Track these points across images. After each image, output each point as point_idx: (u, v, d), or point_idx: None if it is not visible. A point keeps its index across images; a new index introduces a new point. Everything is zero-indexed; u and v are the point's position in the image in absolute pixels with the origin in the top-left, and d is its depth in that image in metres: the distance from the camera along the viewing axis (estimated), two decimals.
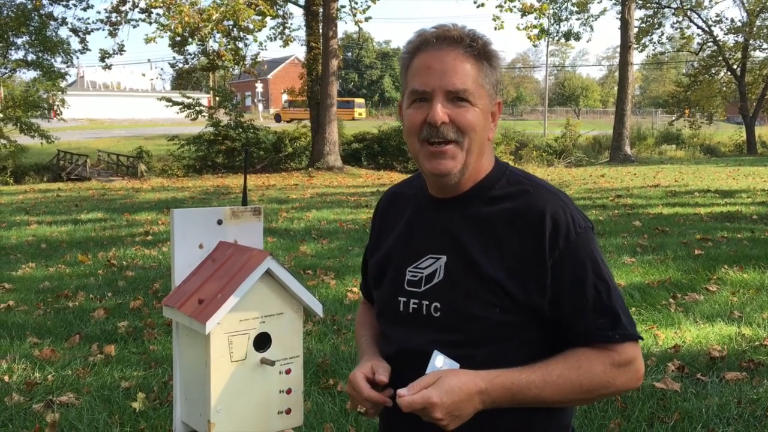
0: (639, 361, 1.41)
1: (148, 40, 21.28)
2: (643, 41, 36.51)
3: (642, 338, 1.43)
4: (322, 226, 10.72)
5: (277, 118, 46.80)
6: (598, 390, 1.38)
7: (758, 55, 39.77)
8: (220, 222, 1.54)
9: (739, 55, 38.15)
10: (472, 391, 1.31)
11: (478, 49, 1.40)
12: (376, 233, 1.65)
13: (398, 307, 1.49)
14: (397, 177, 22.47)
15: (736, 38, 38.08)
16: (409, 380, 1.41)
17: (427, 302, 1.44)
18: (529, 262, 1.37)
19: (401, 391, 1.31)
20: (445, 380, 1.31)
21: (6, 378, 4.39)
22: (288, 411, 1.50)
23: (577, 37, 32.14)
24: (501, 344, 1.39)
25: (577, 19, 32.30)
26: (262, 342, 1.45)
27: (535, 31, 22.98)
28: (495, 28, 22.49)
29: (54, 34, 28.14)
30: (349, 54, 66.45)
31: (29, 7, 26.21)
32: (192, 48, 25.50)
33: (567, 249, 1.37)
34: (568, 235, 1.37)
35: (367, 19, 24.43)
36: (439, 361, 1.36)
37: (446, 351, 1.38)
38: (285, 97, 48.78)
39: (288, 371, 1.49)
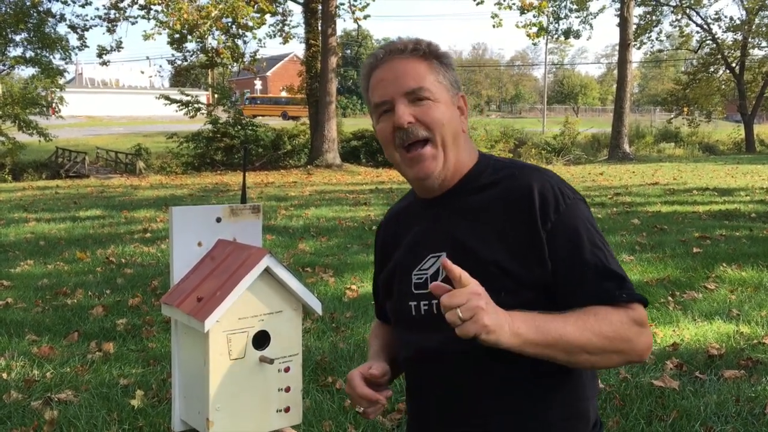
0: (649, 328, 1.39)
1: (146, 37, 21.28)
2: (641, 39, 36.50)
3: (648, 303, 1.41)
4: (320, 223, 10.72)
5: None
6: (616, 340, 1.33)
7: (757, 53, 39.81)
8: (219, 220, 1.54)
9: (737, 53, 38.15)
10: (497, 306, 1.27)
11: (423, 50, 1.46)
12: (380, 256, 1.69)
13: (410, 311, 1.51)
14: (395, 174, 22.44)
15: (734, 36, 38.09)
16: (428, 380, 1.47)
17: (436, 301, 1.44)
18: (525, 240, 1.39)
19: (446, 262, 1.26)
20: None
21: (4, 375, 4.39)
22: (287, 409, 1.50)
23: (577, 35, 32.17)
24: None
25: (577, 17, 32.26)
26: (261, 340, 1.45)
27: (534, 29, 22.98)
28: (494, 26, 22.48)
29: (52, 30, 28.09)
30: (348, 51, 66.38)
31: (28, 3, 26.15)
32: (191, 45, 25.51)
33: (559, 220, 1.39)
34: (557, 207, 1.40)
35: (365, 17, 24.40)
36: None
37: (461, 344, 1.35)
38: (283, 93, 48.66)
39: (287, 369, 1.49)
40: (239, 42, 24.68)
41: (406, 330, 1.54)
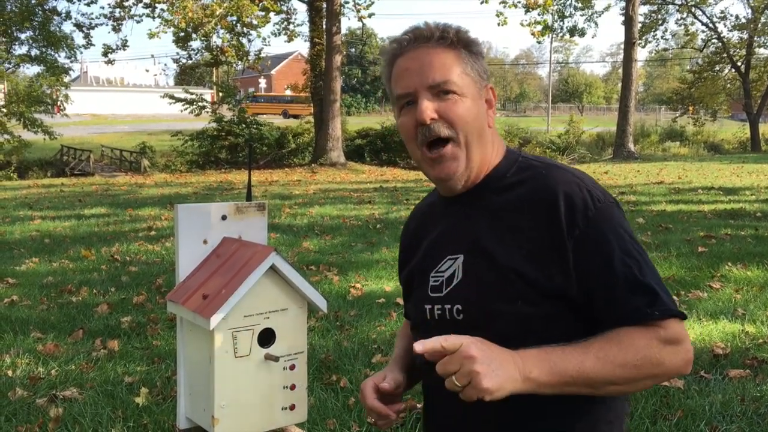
0: (687, 341, 1.27)
1: (151, 36, 21.30)
2: (646, 37, 36.41)
3: (686, 316, 1.29)
4: (325, 222, 10.72)
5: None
6: (645, 367, 1.22)
7: (763, 52, 39.68)
8: (224, 217, 1.54)
9: (743, 51, 38.04)
10: (506, 354, 1.19)
11: (451, 39, 1.37)
12: (402, 255, 1.64)
13: (426, 315, 1.44)
14: (400, 173, 22.45)
15: (740, 35, 38.01)
16: (434, 384, 1.40)
17: (449, 306, 1.39)
18: (547, 246, 1.29)
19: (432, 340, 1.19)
20: (477, 338, 1.20)
21: (9, 373, 4.41)
22: (292, 407, 1.50)
23: (582, 34, 32.02)
24: (531, 341, 1.26)
25: (582, 15, 32.18)
26: (267, 338, 1.45)
27: (539, 27, 22.95)
28: (498, 24, 22.43)
29: (58, 29, 28.15)
30: (353, 50, 66.31)
31: (33, 1, 26.21)
32: (195, 44, 25.54)
33: (587, 227, 1.29)
34: (586, 212, 1.29)
35: (370, 15, 24.40)
36: None
37: None
38: (288, 91, 48.77)
39: (292, 367, 1.49)
40: (244, 40, 24.71)
41: (422, 334, 1.47)
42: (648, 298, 1.25)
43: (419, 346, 1.17)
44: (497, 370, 1.15)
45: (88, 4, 25.67)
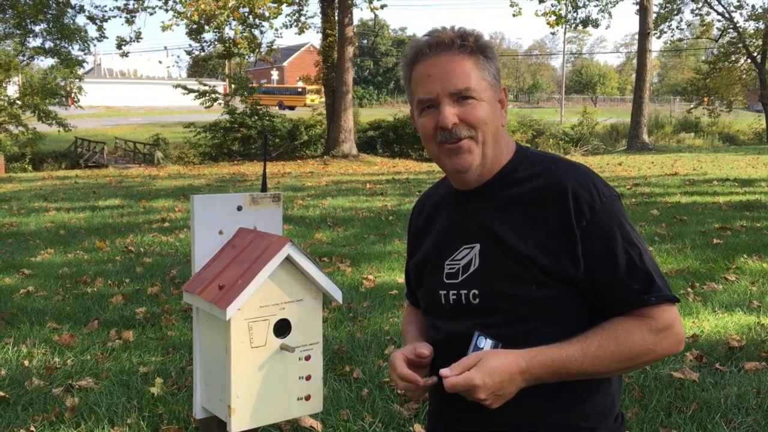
0: (678, 324, 1.41)
1: (164, 28, 21.36)
2: (661, 27, 36.04)
3: (678, 300, 1.43)
4: (337, 213, 10.73)
5: None
6: (639, 357, 1.39)
7: None
8: (239, 208, 1.54)
9: (759, 41, 37.58)
10: (514, 371, 1.34)
11: (471, 46, 1.45)
12: (412, 240, 1.71)
13: (440, 300, 1.53)
14: (412, 165, 22.43)
15: (757, 25, 37.51)
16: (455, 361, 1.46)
17: (465, 291, 1.48)
18: (558, 235, 1.41)
19: (444, 371, 1.34)
20: (487, 361, 1.34)
21: (26, 362, 4.45)
22: (308, 397, 1.51)
23: (596, 24, 31.72)
24: (540, 320, 1.42)
25: (596, 6, 31.93)
26: (282, 328, 1.46)
27: (553, 17, 22.79)
28: (513, 15, 22.34)
29: (71, 21, 28.22)
30: (365, 41, 66.14)
31: None
32: (208, 35, 25.54)
33: (594, 218, 1.40)
34: (593, 205, 1.41)
35: (382, 6, 24.29)
36: (480, 342, 1.40)
37: (487, 332, 1.41)
38: (300, 82, 48.76)
39: (308, 358, 1.50)
40: (256, 32, 24.69)
41: (436, 317, 1.57)
42: (645, 284, 1.39)
43: (448, 375, 1.34)
44: (503, 394, 1.34)
45: None
